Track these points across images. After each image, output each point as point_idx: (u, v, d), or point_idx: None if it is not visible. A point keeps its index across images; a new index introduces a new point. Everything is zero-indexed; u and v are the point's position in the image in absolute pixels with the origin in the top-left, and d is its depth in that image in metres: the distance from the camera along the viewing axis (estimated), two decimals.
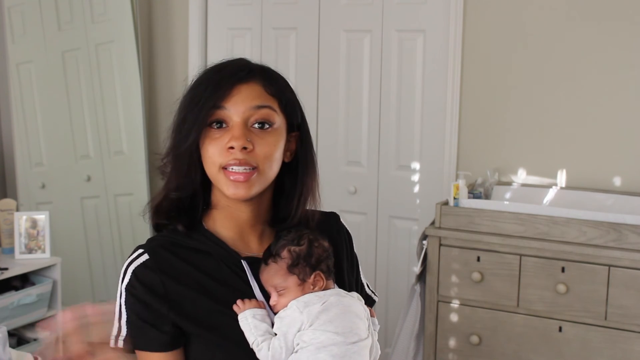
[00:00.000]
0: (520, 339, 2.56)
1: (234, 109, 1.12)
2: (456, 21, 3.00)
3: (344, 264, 1.27)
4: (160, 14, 3.71)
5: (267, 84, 1.15)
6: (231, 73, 1.14)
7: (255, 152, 1.11)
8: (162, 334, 1.11)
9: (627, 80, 2.78)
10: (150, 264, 1.13)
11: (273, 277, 1.13)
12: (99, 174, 3.60)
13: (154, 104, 3.76)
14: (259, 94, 1.14)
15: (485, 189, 2.86)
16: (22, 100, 3.50)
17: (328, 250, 1.17)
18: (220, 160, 1.11)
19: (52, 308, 3.14)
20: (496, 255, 2.57)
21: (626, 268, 2.39)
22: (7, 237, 3.11)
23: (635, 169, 2.79)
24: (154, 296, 1.11)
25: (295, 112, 1.20)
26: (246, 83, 1.14)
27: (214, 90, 1.12)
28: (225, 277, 1.15)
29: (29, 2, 3.45)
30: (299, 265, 1.13)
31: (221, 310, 1.12)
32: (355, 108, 3.32)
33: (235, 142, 1.10)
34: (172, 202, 1.18)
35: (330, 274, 1.17)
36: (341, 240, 1.31)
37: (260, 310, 1.11)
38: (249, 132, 1.12)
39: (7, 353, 2.23)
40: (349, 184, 3.36)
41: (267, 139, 1.13)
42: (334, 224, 1.33)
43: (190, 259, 1.16)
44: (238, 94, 1.12)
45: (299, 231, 1.17)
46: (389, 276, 3.30)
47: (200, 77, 1.17)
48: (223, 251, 1.17)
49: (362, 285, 1.34)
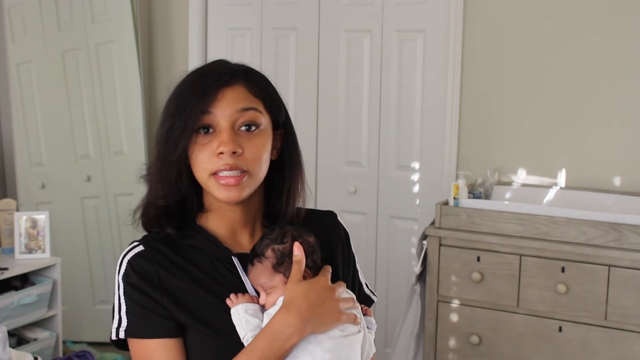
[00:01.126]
0: (520, 339, 2.56)
1: (221, 113, 1.13)
2: (456, 21, 3.00)
3: (338, 262, 1.28)
4: (160, 14, 3.71)
5: (250, 85, 1.17)
6: (215, 78, 1.15)
7: (245, 155, 1.13)
8: (165, 319, 1.12)
9: (627, 80, 2.78)
10: (145, 254, 1.16)
11: (260, 276, 1.14)
12: (99, 174, 3.60)
13: (154, 104, 3.76)
14: (244, 97, 1.15)
15: (485, 189, 2.86)
16: (22, 100, 3.50)
17: (313, 245, 1.18)
18: (210, 166, 1.13)
19: (52, 308, 3.14)
20: (496, 255, 2.57)
21: (626, 268, 2.39)
22: (7, 237, 3.11)
23: (635, 169, 2.79)
24: (149, 285, 1.13)
25: (279, 111, 1.22)
26: (230, 86, 1.15)
27: (199, 96, 1.13)
28: (217, 272, 1.17)
29: (29, 2, 3.46)
30: (284, 263, 1.14)
31: (214, 302, 1.13)
32: (355, 108, 3.32)
33: (225, 147, 1.11)
34: (159, 209, 1.19)
35: (317, 269, 1.17)
36: (338, 238, 1.32)
37: (253, 305, 1.13)
38: (236, 136, 1.13)
39: (7, 353, 2.23)
40: (349, 184, 3.36)
41: (255, 142, 1.15)
42: (330, 222, 1.34)
43: (184, 252, 1.18)
44: (223, 97, 1.14)
45: (282, 229, 1.18)
46: (389, 276, 3.30)
47: (183, 84, 1.17)
48: (215, 247, 1.18)
49: (360, 285, 1.34)
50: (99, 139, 3.57)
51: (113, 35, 3.52)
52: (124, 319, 1.13)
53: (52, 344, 3.12)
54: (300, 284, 1.11)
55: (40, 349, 3.04)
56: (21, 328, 3.09)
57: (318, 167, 3.42)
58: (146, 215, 1.21)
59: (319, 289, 1.12)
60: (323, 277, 1.15)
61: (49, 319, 3.14)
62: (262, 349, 1.07)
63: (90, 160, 3.59)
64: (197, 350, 1.13)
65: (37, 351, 2.97)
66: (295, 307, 1.08)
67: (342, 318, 1.12)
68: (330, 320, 1.11)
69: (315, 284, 1.12)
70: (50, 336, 3.12)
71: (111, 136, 3.58)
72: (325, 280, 1.14)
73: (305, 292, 1.10)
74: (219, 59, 1.23)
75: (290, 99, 3.42)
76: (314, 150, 3.41)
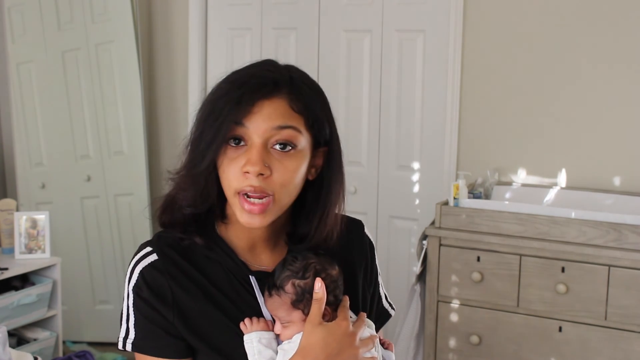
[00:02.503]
0: (520, 339, 2.56)
1: (255, 127, 1.03)
2: (456, 21, 3.00)
3: (359, 277, 1.22)
4: (160, 14, 3.71)
5: (293, 98, 1.06)
6: (254, 87, 1.04)
7: (273, 178, 1.04)
8: (175, 339, 1.07)
9: (627, 80, 2.78)
10: (159, 265, 1.08)
11: (277, 309, 1.08)
12: (99, 174, 3.60)
13: (154, 104, 3.76)
14: (282, 112, 1.04)
15: (485, 189, 2.86)
16: (22, 100, 3.50)
17: (337, 280, 1.10)
18: (235, 184, 1.04)
19: (52, 308, 3.14)
20: (496, 255, 2.57)
21: (626, 268, 2.39)
22: (7, 237, 3.11)
23: (635, 169, 2.79)
24: (161, 302, 1.07)
25: (323, 129, 1.10)
26: (270, 99, 1.04)
27: (234, 106, 1.03)
28: (233, 290, 1.10)
29: (29, 2, 3.46)
30: (304, 300, 1.06)
31: (228, 325, 1.08)
32: (355, 108, 3.32)
33: (252, 167, 1.02)
34: (186, 216, 1.11)
35: (338, 305, 1.10)
36: (362, 251, 1.26)
37: (267, 334, 1.07)
38: (267, 155, 1.03)
39: (7, 353, 2.23)
40: (349, 184, 3.32)
41: (287, 164, 1.05)
42: (356, 233, 1.27)
43: (200, 264, 1.11)
44: (260, 111, 1.03)
45: (305, 260, 1.09)
46: (389, 276, 3.30)
47: (221, 88, 1.07)
48: (232, 263, 1.11)
49: (380, 298, 1.29)
50: (99, 139, 3.57)
51: (113, 35, 3.52)
52: (131, 330, 1.08)
53: (52, 344, 3.12)
54: (319, 329, 1.03)
55: (40, 349, 3.04)
56: (21, 328, 3.09)
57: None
58: (169, 215, 1.13)
59: (339, 336, 1.04)
60: (344, 322, 1.06)
61: (49, 319, 3.14)
62: None
63: (90, 160, 3.59)
64: None
65: (37, 351, 2.97)
66: (312, 355, 1.02)
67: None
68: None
69: (336, 329, 1.04)
70: (50, 336, 3.11)
71: (111, 136, 3.57)
72: (347, 325, 1.06)
73: (324, 338, 1.03)
74: (267, 59, 1.12)
75: None
76: None
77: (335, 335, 1.04)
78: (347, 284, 1.15)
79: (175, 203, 1.12)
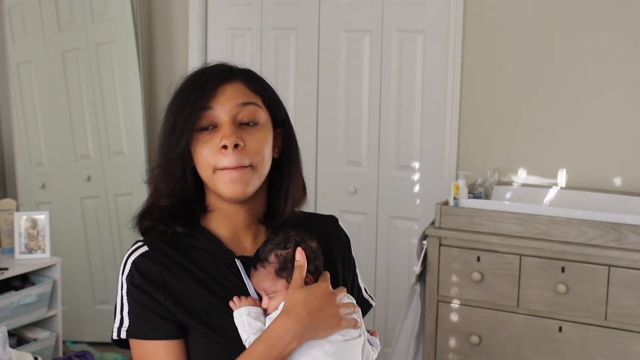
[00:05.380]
0: (520, 339, 2.57)
1: (221, 108, 1.15)
2: (456, 21, 3.00)
3: (338, 267, 1.29)
4: (160, 14, 3.71)
5: (249, 82, 1.20)
6: (214, 74, 1.18)
7: (247, 149, 1.14)
8: (167, 321, 1.12)
9: (627, 80, 2.78)
10: (149, 254, 1.16)
11: (262, 281, 1.15)
12: (99, 174, 3.60)
13: (154, 104, 3.76)
14: (242, 92, 1.18)
15: (485, 189, 2.86)
16: (22, 100, 3.50)
17: (316, 251, 1.18)
18: (214, 161, 1.14)
19: (52, 308, 3.14)
20: (496, 255, 2.57)
21: (626, 268, 2.39)
22: (7, 237, 3.11)
23: (635, 169, 2.79)
24: (153, 286, 1.13)
25: (278, 108, 1.24)
26: (229, 83, 1.18)
27: (199, 92, 1.15)
28: (221, 274, 1.17)
29: (29, 2, 3.46)
30: (287, 268, 1.15)
31: (217, 304, 1.14)
32: (355, 108, 3.32)
33: (227, 139, 1.13)
34: (164, 209, 1.20)
35: (319, 274, 1.18)
36: (338, 243, 1.32)
37: (255, 308, 1.13)
38: (238, 130, 1.15)
39: (7, 353, 2.23)
40: (349, 184, 3.36)
41: (256, 135, 1.16)
42: (331, 227, 1.34)
43: (188, 253, 1.18)
44: (223, 93, 1.16)
45: (286, 234, 1.18)
46: (389, 276, 3.30)
47: (183, 83, 1.20)
48: (218, 249, 1.19)
49: (359, 289, 1.35)
50: (99, 139, 3.57)
51: (113, 35, 3.52)
52: (125, 319, 1.14)
53: (52, 344, 3.12)
54: (300, 290, 1.12)
55: (40, 349, 3.04)
56: (21, 328, 3.09)
57: (318, 167, 3.42)
58: (150, 218, 1.21)
59: (320, 295, 1.12)
60: (324, 283, 1.15)
61: (49, 319, 3.14)
62: (261, 353, 1.07)
63: (90, 160, 3.59)
64: (199, 351, 1.13)
65: (37, 351, 2.97)
66: (295, 312, 1.09)
67: (343, 323, 1.13)
68: (331, 325, 1.11)
69: (316, 290, 1.13)
70: (50, 336, 3.12)
71: (111, 136, 3.58)
72: (326, 285, 1.15)
73: (305, 297, 1.11)
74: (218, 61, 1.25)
75: (290, 99, 3.42)
76: (314, 150, 3.41)
77: (316, 294, 1.12)
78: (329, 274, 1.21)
79: (154, 205, 1.20)
